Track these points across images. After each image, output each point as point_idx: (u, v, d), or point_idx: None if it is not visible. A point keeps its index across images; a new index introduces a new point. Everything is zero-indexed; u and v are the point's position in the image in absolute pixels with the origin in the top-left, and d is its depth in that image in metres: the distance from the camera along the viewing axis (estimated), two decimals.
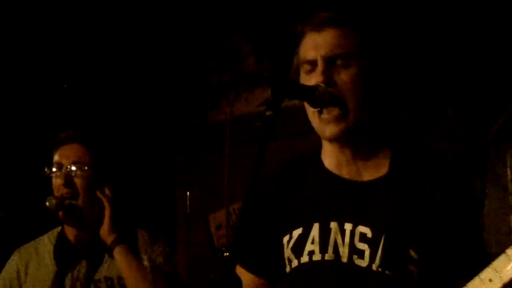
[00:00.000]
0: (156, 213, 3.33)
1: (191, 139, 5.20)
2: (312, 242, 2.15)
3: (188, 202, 4.99)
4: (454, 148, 4.08)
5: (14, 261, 3.19)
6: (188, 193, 4.99)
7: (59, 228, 3.18)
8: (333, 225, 2.14)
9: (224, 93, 5.10)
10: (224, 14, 5.02)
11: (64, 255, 3.07)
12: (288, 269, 2.20)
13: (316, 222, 2.16)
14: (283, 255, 2.21)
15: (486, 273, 1.90)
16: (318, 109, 2.13)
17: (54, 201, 3.01)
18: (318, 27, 2.16)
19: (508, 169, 4.04)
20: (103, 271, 3.01)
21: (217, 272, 1.87)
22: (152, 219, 3.28)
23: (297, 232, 2.19)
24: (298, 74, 2.21)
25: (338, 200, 2.17)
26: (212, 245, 4.95)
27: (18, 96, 4.77)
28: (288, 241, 2.20)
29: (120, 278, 3.00)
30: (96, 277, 3.01)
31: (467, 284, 1.93)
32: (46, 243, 3.18)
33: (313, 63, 2.14)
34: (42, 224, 3.37)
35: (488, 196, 4.05)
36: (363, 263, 2.08)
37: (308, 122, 2.23)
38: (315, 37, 2.15)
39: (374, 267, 2.06)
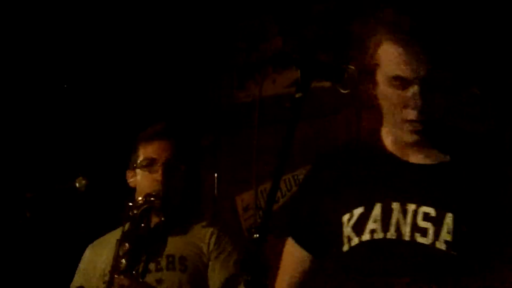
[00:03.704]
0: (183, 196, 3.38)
1: (217, 120, 5.21)
2: (374, 221, 2.20)
3: (216, 184, 5.01)
4: (483, 128, 4.06)
5: (87, 254, 3.29)
6: (216, 174, 5.01)
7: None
8: (395, 205, 2.19)
9: (251, 74, 5.09)
10: None
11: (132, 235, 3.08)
12: (346, 247, 2.25)
13: (378, 202, 2.21)
14: (342, 233, 2.25)
15: None
16: (346, 91, 2.15)
17: (83, 182, 3.05)
18: (406, 40, 2.14)
19: None
20: (165, 249, 3.07)
21: (246, 253, 1.88)
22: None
23: (358, 211, 2.23)
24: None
25: (401, 182, 2.23)
26: (239, 226, 4.97)
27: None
28: (349, 220, 2.24)
29: (181, 257, 3.07)
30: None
31: None
32: (116, 233, 3.23)
33: (406, 82, 2.15)
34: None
35: None
36: (427, 240, 2.13)
37: (332, 104, 2.28)
38: (406, 52, 2.15)
39: (438, 244, 2.11)
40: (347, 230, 2.24)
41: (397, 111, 2.18)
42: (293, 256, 2.43)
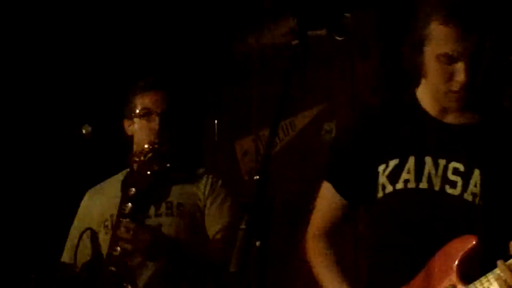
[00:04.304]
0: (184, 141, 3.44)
1: (218, 71, 5.23)
2: (408, 172, 2.37)
3: (216, 130, 5.08)
4: None
5: (86, 199, 3.39)
6: (216, 121, 5.07)
7: (128, 169, 3.31)
8: (428, 159, 2.36)
9: (250, 25, 5.08)
10: None
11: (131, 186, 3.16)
12: (381, 194, 2.41)
13: (412, 155, 2.38)
14: (377, 182, 2.41)
15: None
16: (342, 37, 2.22)
17: (89, 128, 3.12)
18: (455, 20, 2.24)
19: None
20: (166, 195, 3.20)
21: (246, 196, 1.95)
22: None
23: (393, 162, 2.39)
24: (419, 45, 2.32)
25: (434, 138, 2.39)
26: (238, 171, 5.06)
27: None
28: (384, 170, 2.41)
29: (179, 204, 3.20)
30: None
31: None
32: (114, 180, 3.35)
33: (453, 59, 2.27)
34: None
35: None
36: (455, 191, 2.32)
37: (327, 53, 2.34)
38: (454, 31, 2.25)
39: (465, 195, 2.30)
40: (383, 178, 2.40)
41: (442, 82, 2.31)
42: (328, 201, 2.54)
